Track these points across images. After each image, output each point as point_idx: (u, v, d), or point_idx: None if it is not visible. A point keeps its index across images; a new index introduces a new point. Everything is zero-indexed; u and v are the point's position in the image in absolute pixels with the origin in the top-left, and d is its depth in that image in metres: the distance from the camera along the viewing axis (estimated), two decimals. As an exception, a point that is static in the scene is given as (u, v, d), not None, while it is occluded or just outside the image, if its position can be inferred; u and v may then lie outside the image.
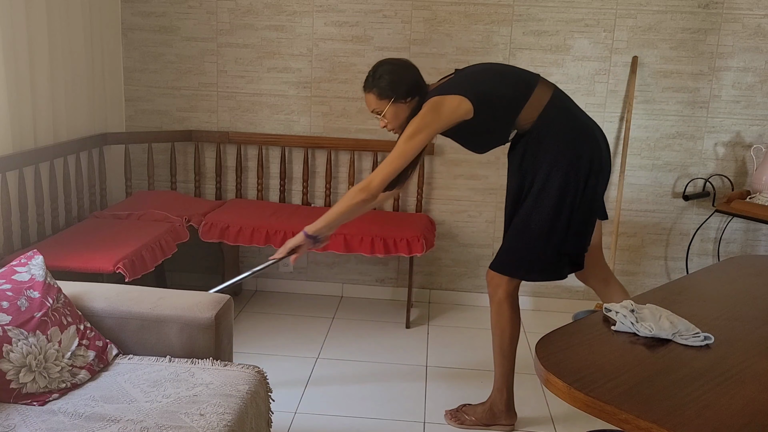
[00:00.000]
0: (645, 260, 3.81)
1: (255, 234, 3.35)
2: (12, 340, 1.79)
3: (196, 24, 3.74)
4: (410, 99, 2.38)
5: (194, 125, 3.85)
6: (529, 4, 3.58)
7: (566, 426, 2.67)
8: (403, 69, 2.39)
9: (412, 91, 2.37)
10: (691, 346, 1.69)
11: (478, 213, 3.81)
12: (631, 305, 1.83)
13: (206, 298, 2.13)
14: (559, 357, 1.61)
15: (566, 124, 2.35)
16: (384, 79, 2.35)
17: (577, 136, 2.35)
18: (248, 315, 3.63)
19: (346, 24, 3.67)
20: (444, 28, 3.63)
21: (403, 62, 2.42)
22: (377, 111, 2.41)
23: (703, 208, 3.73)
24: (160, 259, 2.97)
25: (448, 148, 3.73)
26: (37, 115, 3.02)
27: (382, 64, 2.40)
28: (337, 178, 3.83)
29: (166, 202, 3.51)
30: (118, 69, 3.79)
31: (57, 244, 2.85)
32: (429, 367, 3.13)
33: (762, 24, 3.51)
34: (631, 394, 1.44)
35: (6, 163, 2.73)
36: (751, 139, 3.63)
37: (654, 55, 3.58)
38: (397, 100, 2.36)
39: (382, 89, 2.35)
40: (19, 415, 1.72)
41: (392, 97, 2.35)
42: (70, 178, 3.23)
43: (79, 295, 2.11)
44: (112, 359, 2.02)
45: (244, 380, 1.94)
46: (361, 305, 3.82)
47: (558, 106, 2.36)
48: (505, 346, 2.53)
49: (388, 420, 2.66)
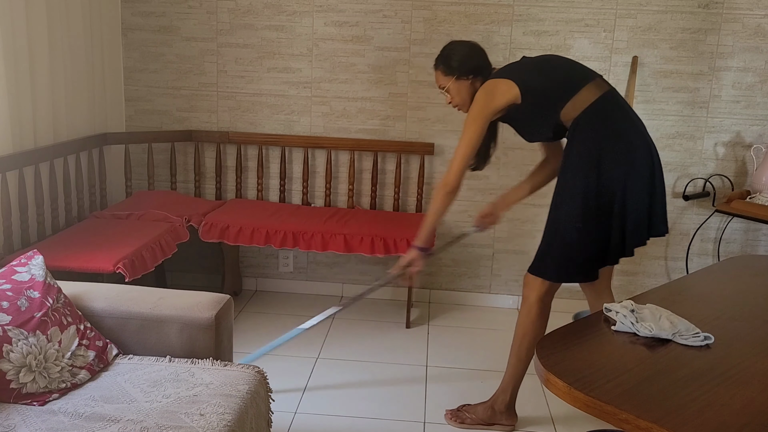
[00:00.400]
0: (645, 260, 3.81)
1: (255, 234, 3.35)
2: (12, 340, 1.79)
3: (196, 24, 3.74)
4: (473, 78, 2.52)
5: (194, 125, 3.85)
6: (529, 4, 3.58)
7: (566, 426, 2.67)
8: (470, 49, 2.54)
9: (476, 71, 2.52)
10: (691, 346, 1.69)
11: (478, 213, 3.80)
12: (631, 305, 1.83)
13: (206, 298, 2.13)
14: (559, 357, 1.61)
15: (600, 127, 2.33)
16: (451, 58, 2.52)
17: (612, 140, 2.31)
18: (248, 315, 3.63)
19: (346, 24, 3.67)
20: (444, 28, 3.63)
21: (472, 44, 2.57)
22: (442, 86, 2.56)
23: (703, 208, 3.73)
24: (160, 259, 2.97)
25: (449, 147, 3.74)
26: (37, 115, 3.02)
27: (452, 43, 2.58)
28: (337, 178, 3.83)
29: (166, 202, 3.51)
30: (118, 69, 3.79)
31: (57, 244, 2.85)
32: (429, 367, 3.13)
33: (762, 24, 3.51)
34: (631, 394, 1.44)
35: (6, 163, 2.73)
36: (751, 139, 3.63)
37: (654, 55, 3.58)
38: (460, 77, 2.51)
39: (448, 66, 2.52)
40: (19, 415, 1.72)
41: (455, 74, 2.51)
42: (70, 178, 3.23)
43: (79, 295, 2.11)
44: (112, 359, 2.02)
45: (244, 380, 1.94)
46: (361, 305, 3.82)
47: (599, 109, 2.34)
48: (523, 349, 2.53)
49: (388, 420, 2.66)
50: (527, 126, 2.50)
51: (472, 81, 2.52)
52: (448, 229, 3.82)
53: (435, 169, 3.77)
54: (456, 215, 3.79)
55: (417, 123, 3.74)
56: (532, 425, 2.67)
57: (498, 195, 2.69)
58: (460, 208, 3.77)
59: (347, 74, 3.72)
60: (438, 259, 3.86)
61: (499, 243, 3.84)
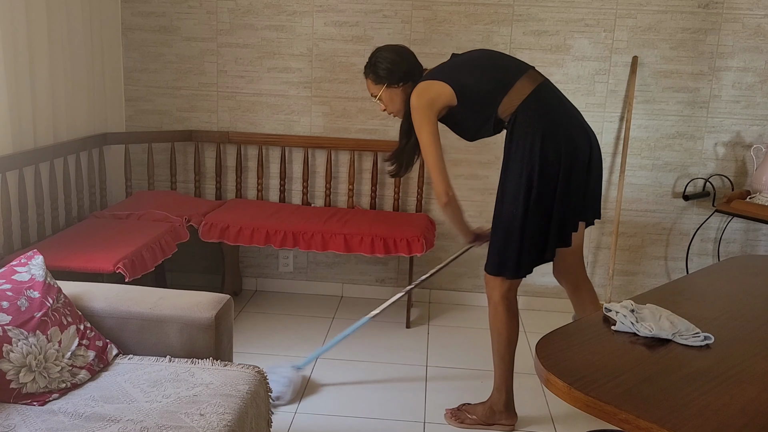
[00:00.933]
0: (645, 260, 3.81)
1: (255, 234, 3.35)
2: (12, 340, 1.79)
3: (196, 24, 3.74)
4: (403, 84, 2.50)
5: (194, 125, 3.85)
6: (529, 4, 3.58)
7: (566, 426, 2.67)
8: (398, 55, 2.51)
9: (406, 77, 2.49)
10: (691, 346, 1.69)
11: (478, 213, 3.81)
12: (631, 305, 1.83)
13: (206, 298, 2.13)
14: (559, 357, 1.61)
15: (537, 118, 2.32)
16: (378, 66, 2.50)
17: (551, 130, 2.31)
18: (248, 315, 3.63)
19: (346, 24, 3.67)
20: (444, 28, 3.63)
21: (399, 49, 2.54)
22: (374, 95, 2.55)
23: (703, 208, 3.73)
24: (160, 259, 2.97)
25: (448, 147, 3.73)
26: (37, 115, 3.02)
27: (379, 50, 2.54)
28: (337, 178, 3.83)
29: (166, 202, 3.51)
30: (118, 69, 3.79)
31: (57, 244, 2.85)
32: (429, 367, 3.13)
33: (762, 24, 3.51)
34: (631, 394, 1.44)
35: (6, 163, 2.73)
36: (751, 139, 3.63)
37: (654, 55, 3.58)
38: (391, 85, 2.50)
39: (377, 75, 2.51)
40: (19, 415, 1.72)
41: (385, 82, 2.50)
42: (70, 178, 3.23)
43: (79, 295, 2.11)
44: (112, 359, 2.02)
45: (244, 380, 1.94)
46: (361, 305, 3.82)
47: (536, 100, 2.34)
48: (502, 348, 2.53)
49: (388, 420, 2.66)
50: (468, 126, 2.46)
51: (403, 87, 2.49)
52: (448, 229, 3.82)
53: (435, 169, 3.76)
54: (456, 215, 3.79)
55: (417, 123, 3.73)
56: (532, 425, 2.67)
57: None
58: (460, 208, 3.77)
59: (347, 74, 3.72)
60: (438, 259, 3.85)
61: (499, 243, 3.84)
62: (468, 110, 2.38)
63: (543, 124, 2.31)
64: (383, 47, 2.56)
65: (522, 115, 2.33)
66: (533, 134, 2.30)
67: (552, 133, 2.30)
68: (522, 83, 2.35)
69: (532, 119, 2.32)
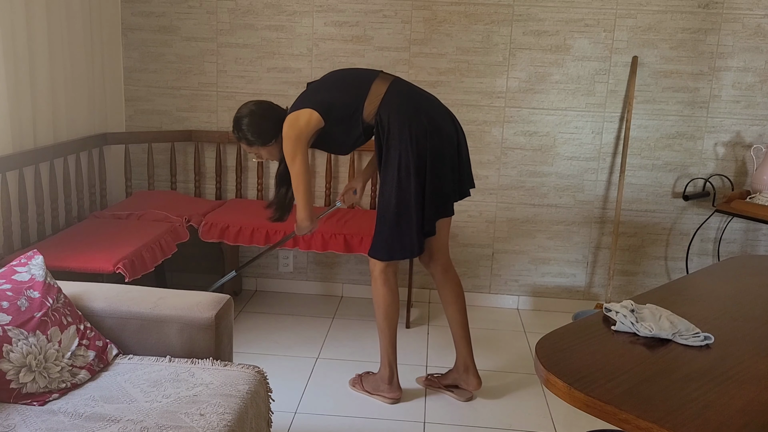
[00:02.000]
0: (645, 260, 3.81)
1: (255, 234, 3.34)
2: (12, 340, 1.79)
3: (196, 24, 3.74)
4: (276, 139, 2.63)
5: (194, 125, 3.85)
6: (529, 4, 3.58)
7: (566, 426, 2.67)
8: (260, 117, 2.61)
9: (276, 131, 2.61)
10: (691, 346, 1.69)
11: (478, 213, 3.81)
12: (631, 305, 1.83)
13: (206, 298, 2.13)
14: (559, 357, 1.61)
15: (401, 110, 2.48)
16: (246, 132, 2.61)
17: (413, 119, 2.46)
18: (248, 315, 3.63)
19: (346, 24, 3.67)
20: (444, 28, 3.63)
21: (259, 109, 2.62)
22: (252, 153, 2.71)
23: (703, 208, 3.73)
24: (160, 259, 2.97)
25: (448, 148, 3.73)
26: (37, 115, 3.02)
27: (240, 117, 2.62)
28: (337, 178, 3.83)
29: (166, 202, 3.51)
30: (118, 69, 3.79)
31: (57, 244, 2.85)
32: (429, 367, 3.13)
33: (762, 24, 3.52)
34: (631, 394, 1.44)
35: (6, 163, 2.73)
36: (751, 139, 3.63)
37: (654, 55, 3.58)
38: (265, 144, 2.63)
39: (249, 141, 2.63)
40: (19, 415, 1.72)
41: (259, 143, 2.63)
42: (70, 178, 3.23)
43: (79, 295, 2.11)
44: (112, 359, 2.02)
45: (244, 380, 1.94)
46: (361, 305, 3.82)
47: (393, 94, 2.50)
48: (380, 320, 2.71)
49: (388, 420, 2.66)
50: (342, 140, 2.60)
51: (277, 141, 2.63)
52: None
53: (435, 169, 3.76)
54: (456, 215, 3.79)
55: (417, 123, 3.74)
56: (532, 425, 2.67)
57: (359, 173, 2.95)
58: (460, 208, 3.78)
59: (347, 74, 3.72)
60: (438, 259, 3.86)
61: (499, 243, 3.84)
62: (337, 126, 2.53)
63: (405, 113, 2.47)
64: (243, 111, 2.63)
65: (384, 112, 2.48)
66: (399, 125, 2.46)
67: (415, 119, 2.47)
68: (377, 85, 2.52)
69: (395, 112, 2.48)
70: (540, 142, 3.70)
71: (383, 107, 2.48)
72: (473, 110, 3.69)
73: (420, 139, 2.45)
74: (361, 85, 2.53)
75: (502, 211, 3.80)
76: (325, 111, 2.49)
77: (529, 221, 3.80)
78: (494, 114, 3.69)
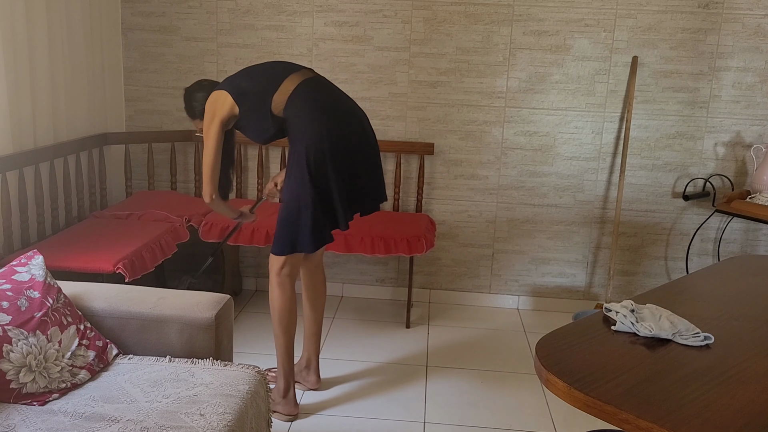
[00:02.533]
0: (645, 260, 3.81)
1: (255, 234, 3.35)
2: (12, 340, 1.79)
3: (196, 24, 3.74)
4: None
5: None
6: (529, 4, 3.58)
7: (566, 426, 2.67)
8: (190, 95, 2.68)
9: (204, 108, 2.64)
10: (691, 346, 1.69)
11: (478, 213, 3.81)
12: (631, 305, 1.83)
13: (206, 298, 2.13)
14: (559, 357, 1.61)
15: (305, 108, 2.46)
16: (186, 106, 2.71)
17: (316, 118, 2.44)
18: (248, 315, 3.63)
19: (346, 24, 3.67)
20: (444, 28, 3.63)
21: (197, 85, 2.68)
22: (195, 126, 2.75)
23: (703, 208, 3.73)
24: (160, 259, 2.97)
25: (449, 148, 3.74)
26: (37, 115, 3.02)
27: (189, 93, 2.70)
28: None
29: (166, 202, 3.51)
30: (118, 69, 3.79)
31: (57, 244, 2.85)
32: (429, 366, 3.13)
33: (762, 24, 3.52)
34: (631, 394, 1.44)
35: (6, 163, 2.73)
36: (751, 139, 3.63)
37: (654, 55, 3.58)
38: (196, 117, 2.67)
39: (188, 113, 2.72)
40: (19, 415, 1.72)
41: (191, 117, 2.70)
42: (70, 178, 3.23)
43: (79, 295, 2.11)
44: (112, 359, 2.02)
45: (244, 380, 1.94)
46: (361, 305, 3.82)
47: (300, 91, 2.47)
48: (275, 325, 2.61)
49: (388, 420, 2.66)
50: (252, 127, 2.58)
51: None
52: (448, 229, 3.82)
53: (435, 169, 3.77)
54: (456, 215, 3.80)
55: (417, 123, 3.74)
56: (532, 425, 2.67)
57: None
58: (460, 208, 3.78)
59: (347, 74, 3.72)
60: (438, 259, 3.86)
61: (499, 243, 3.84)
62: (248, 111, 2.52)
63: (309, 111, 2.46)
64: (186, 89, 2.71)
65: (290, 108, 2.46)
66: (302, 123, 2.44)
67: (318, 118, 2.44)
68: (290, 80, 2.50)
69: (299, 109, 2.46)
70: (540, 142, 3.71)
71: (290, 103, 2.46)
72: (473, 110, 3.69)
73: (322, 138, 2.41)
74: (276, 77, 2.51)
75: (503, 211, 3.80)
76: (239, 96, 2.49)
77: (529, 221, 3.80)
78: (494, 114, 3.69)
